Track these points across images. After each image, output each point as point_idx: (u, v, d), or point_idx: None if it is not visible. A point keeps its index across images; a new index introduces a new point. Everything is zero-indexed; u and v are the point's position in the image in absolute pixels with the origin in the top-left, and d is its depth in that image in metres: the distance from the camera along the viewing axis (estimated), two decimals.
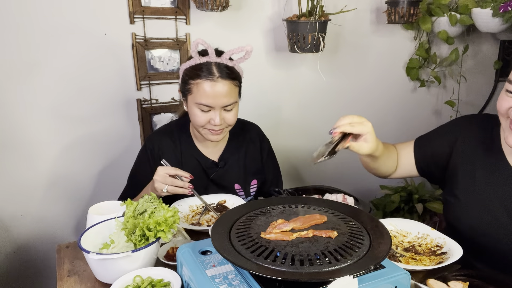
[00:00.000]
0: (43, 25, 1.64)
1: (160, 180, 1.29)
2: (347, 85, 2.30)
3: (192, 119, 1.40)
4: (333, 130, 1.04)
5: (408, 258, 1.09)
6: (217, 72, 1.32)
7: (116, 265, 0.98)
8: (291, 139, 2.25)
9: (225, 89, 1.33)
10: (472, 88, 2.56)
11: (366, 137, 1.09)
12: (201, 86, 1.33)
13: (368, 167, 1.32)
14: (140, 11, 1.76)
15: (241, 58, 1.35)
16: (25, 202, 1.77)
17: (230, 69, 1.35)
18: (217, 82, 1.32)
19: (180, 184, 1.29)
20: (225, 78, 1.33)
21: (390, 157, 1.31)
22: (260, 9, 1.99)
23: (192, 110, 1.38)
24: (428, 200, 2.23)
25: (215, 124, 1.36)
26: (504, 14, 1.93)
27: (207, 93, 1.32)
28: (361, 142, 1.10)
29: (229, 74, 1.34)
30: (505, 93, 1.06)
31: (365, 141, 1.10)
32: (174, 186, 1.28)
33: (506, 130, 1.07)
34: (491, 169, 1.16)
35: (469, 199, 1.18)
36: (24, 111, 1.69)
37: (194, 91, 1.35)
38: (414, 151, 1.31)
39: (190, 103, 1.38)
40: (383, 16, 2.17)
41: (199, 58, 1.34)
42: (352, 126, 1.06)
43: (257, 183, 1.58)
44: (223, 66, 1.34)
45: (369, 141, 1.10)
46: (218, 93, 1.32)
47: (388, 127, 2.45)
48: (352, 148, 1.09)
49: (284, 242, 0.87)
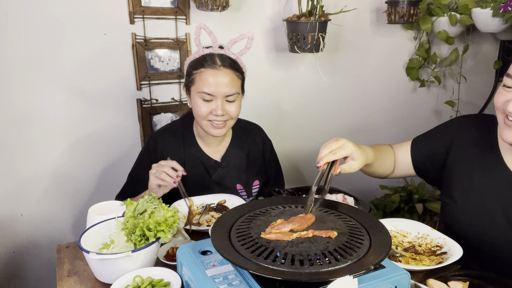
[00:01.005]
0: (43, 25, 1.64)
1: (155, 166, 1.31)
2: (347, 85, 2.29)
3: (194, 111, 1.41)
4: (317, 164, 1.05)
5: (408, 258, 1.09)
6: (220, 61, 1.36)
7: (116, 265, 0.98)
8: (291, 139, 2.25)
9: (227, 78, 1.36)
10: (472, 88, 2.56)
11: (352, 156, 1.10)
12: (204, 75, 1.35)
13: (365, 173, 1.32)
14: (140, 11, 1.76)
15: (243, 49, 1.38)
16: (25, 202, 1.77)
17: (233, 60, 1.39)
18: (219, 71, 1.35)
19: (170, 173, 1.28)
20: (228, 67, 1.37)
21: (386, 160, 1.31)
22: (260, 9, 2.00)
23: (195, 101, 1.39)
24: (428, 200, 2.23)
25: (217, 115, 1.36)
26: (504, 14, 1.93)
27: (209, 81, 1.34)
28: (350, 162, 1.11)
29: (231, 64, 1.38)
30: (503, 87, 1.06)
31: (352, 159, 1.11)
32: (163, 172, 1.28)
33: (501, 125, 1.07)
34: (488, 170, 1.15)
35: (466, 200, 1.17)
36: (24, 111, 1.69)
37: (196, 80, 1.37)
38: (411, 151, 1.32)
39: (193, 94, 1.39)
40: (383, 16, 2.17)
41: (202, 50, 1.37)
42: (334, 154, 1.06)
43: (259, 184, 1.58)
44: (225, 56, 1.38)
45: (356, 158, 1.11)
46: (220, 81, 1.35)
47: (388, 127, 2.45)
48: (344, 171, 1.10)
49: (284, 242, 0.87)
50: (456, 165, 1.22)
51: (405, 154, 1.33)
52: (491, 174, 1.15)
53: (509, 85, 1.03)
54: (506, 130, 1.05)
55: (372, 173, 1.31)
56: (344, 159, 1.12)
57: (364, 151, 1.15)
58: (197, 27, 1.34)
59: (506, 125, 1.04)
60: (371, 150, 1.22)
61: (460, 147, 1.22)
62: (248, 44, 1.37)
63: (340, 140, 1.09)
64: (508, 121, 1.03)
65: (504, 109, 1.04)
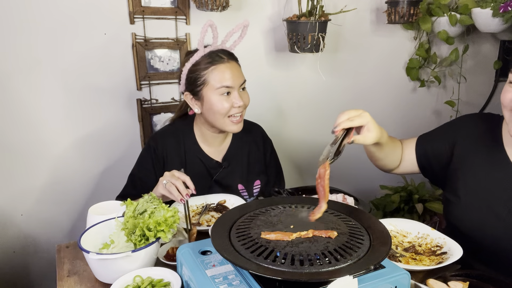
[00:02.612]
0: (43, 25, 1.64)
1: (168, 175, 1.24)
2: (347, 85, 2.29)
3: (215, 109, 1.39)
4: (334, 129, 1.05)
5: (408, 258, 1.09)
6: (225, 55, 1.40)
7: (116, 265, 0.98)
8: (290, 139, 2.25)
9: (237, 68, 1.42)
10: (472, 88, 2.56)
11: (368, 127, 1.10)
12: (217, 71, 1.37)
13: (374, 157, 1.31)
14: (140, 11, 1.76)
15: (237, 39, 1.43)
16: (25, 202, 1.77)
17: (231, 53, 1.44)
18: (229, 63, 1.40)
19: (180, 189, 1.21)
20: (232, 59, 1.42)
21: (395, 150, 1.32)
22: (260, 9, 1.99)
23: (213, 99, 1.38)
24: (428, 200, 2.23)
25: (239, 106, 1.39)
26: (504, 14, 1.93)
27: (225, 75, 1.38)
28: (365, 133, 1.11)
29: (232, 55, 1.44)
30: (509, 85, 1.06)
31: (368, 131, 1.11)
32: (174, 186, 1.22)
33: (510, 122, 1.07)
34: (493, 167, 1.16)
35: (471, 198, 1.18)
36: (24, 112, 1.69)
37: (210, 79, 1.38)
38: (416, 149, 1.32)
39: (209, 95, 1.38)
40: (383, 16, 2.17)
41: (203, 50, 1.38)
42: (351, 121, 1.07)
43: (260, 184, 1.58)
44: (225, 51, 1.42)
45: (371, 129, 1.11)
46: (234, 72, 1.39)
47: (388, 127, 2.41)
48: (358, 141, 1.09)
49: (284, 242, 0.87)
50: (461, 163, 1.22)
51: (410, 151, 1.34)
52: (496, 171, 1.15)
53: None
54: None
55: (381, 159, 1.31)
56: (359, 131, 1.11)
57: (380, 128, 1.15)
58: (206, 24, 1.32)
59: None
60: (386, 133, 1.22)
61: (464, 145, 1.22)
62: (243, 33, 1.40)
63: (359, 110, 1.10)
64: None
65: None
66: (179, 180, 1.22)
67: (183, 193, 1.20)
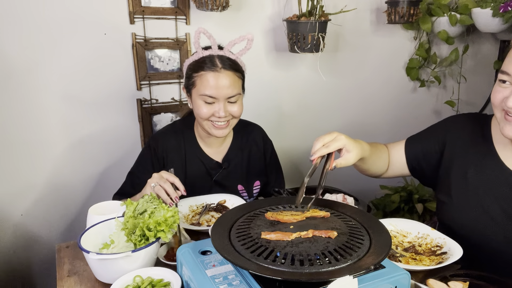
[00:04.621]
0: (43, 25, 1.64)
1: (156, 176, 1.22)
2: (347, 85, 2.29)
3: (196, 112, 1.40)
4: (311, 157, 1.05)
5: (408, 258, 1.09)
6: (220, 63, 1.35)
7: (116, 265, 0.98)
8: (291, 139, 2.24)
9: (228, 80, 1.34)
10: (472, 88, 2.56)
11: (347, 148, 1.10)
12: (205, 78, 1.34)
13: (359, 169, 1.32)
14: (140, 11, 1.76)
15: (242, 50, 1.37)
16: (25, 202, 1.77)
17: (233, 61, 1.37)
18: (220, 73, 1.34)
19: (169, 191, 1.19)
20: (228, 69, 1.35)
21: (381, 157, 1.32)
22: (260, 9, 1.99)
23: (197, 103, 1.38)
24: (428, 200, 2.23)
25: (219, 117, 1.36)
26: (504, 14, 1.93)
27: (211, 84, 1.33)
28: (345, 155, 1.11)
29: (231, 65, 1.36)
30: (498, 83, 1.06)
31: (347, 152, 1.11)
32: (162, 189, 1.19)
33: (502, 122, 1.07)
34: (484, 167, 1.16)
35: (463, 198, 1.17)
36: (24, 111, 1.69)
37: (197, 83, 1.36)
38: (405, 151, 1.32)
39: (195, 97, 1.38)
40: (383, 16, 2.17)
41: (202, 52, 1.36)
42: (327, 147, 1.07)
43: (260, 184, 1.58)
44: (225, 58, 1.36)
45: (350, 150, 1.11)
46: (222, 83, 1.34)
47: (387, 127, 2.45)
48: (340, 165, 1.10)
49: (284, 242, 0.87)
50: (451, 164, 1.22)
51: (399, 153, 1.33)
52: (486, 171, 1.15)
53: (504, 81, 1.04)
54: (508, 126, 1.05)
55: (366, 170, 1.31)
56: (340, 153, 1.11)
57: (359, 144, 1.15)
58: (196, 31, 1.32)
59: (507, 121, 1.04)
60: (367, 144, 1.22)
61: (455, 145, 1.22)
62: (248, 45, 1.36)
63: (333, 133, 1.10)
64: (509, 117, 1.03)
65: (503, 106, 1.04)
66: (168, 182, 1.20)
67: (172, 196, 1.18)
